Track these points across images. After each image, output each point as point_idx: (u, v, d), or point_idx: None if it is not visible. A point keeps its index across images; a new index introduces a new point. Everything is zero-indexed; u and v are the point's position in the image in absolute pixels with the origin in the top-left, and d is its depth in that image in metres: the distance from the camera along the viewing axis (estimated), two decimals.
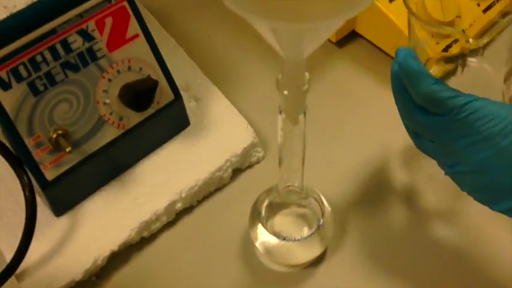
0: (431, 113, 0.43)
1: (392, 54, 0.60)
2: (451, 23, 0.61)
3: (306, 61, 0.39)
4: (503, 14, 0.54)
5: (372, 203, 0.58)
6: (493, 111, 0.41)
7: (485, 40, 0.49)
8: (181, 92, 0.57)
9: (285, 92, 0.41)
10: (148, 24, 0.53)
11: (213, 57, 0.68)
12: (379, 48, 0.67)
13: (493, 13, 0.64)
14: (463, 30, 0.62)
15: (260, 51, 0.67)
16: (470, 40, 0.49)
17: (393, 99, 0.46)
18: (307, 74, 0.40)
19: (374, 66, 0.67)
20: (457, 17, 0.61)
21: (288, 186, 0.51)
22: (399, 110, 0.46)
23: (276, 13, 0.31)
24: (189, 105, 0.59)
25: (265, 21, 0.33)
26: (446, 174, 0.45)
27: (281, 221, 0.53)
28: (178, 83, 0.56)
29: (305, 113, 0.43)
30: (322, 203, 0.53)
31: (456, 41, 0.53)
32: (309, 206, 0.53)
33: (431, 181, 0.58)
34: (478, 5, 0.63)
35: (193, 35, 0.70)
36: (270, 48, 0.38)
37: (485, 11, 0.63)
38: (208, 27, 0.72)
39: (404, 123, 0.47)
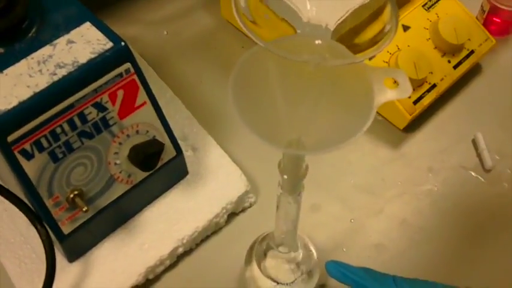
0: None
1: None
2: (423, 80, 0.67)
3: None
4: None
5: (352, 246, 0.64)
6: None
7: None
8: (179, 142, 0.61)
9: (285, 176, 0.47)
10: (146, 75, 0.56)
11: (206, 104, 0.73)
12: None
13: (462, 69, 0.70)
14: (435, 84, 0.69)
15: None
16: None
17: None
18: (306, 163, 0.46)
19: None
20: (429, 73, 0.68)
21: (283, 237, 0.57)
22: None
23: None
24: (187, 154, 0.65)
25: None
26: None
27: (273, 264, 0.59)
28: (176, 133, 0.61)
29: (300, 192, 0.48)
30: (310, 249, 0.60)
31: None
32: (298, 251, 0.59)
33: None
34: (449, 61, 0.70)
35: (186, 82, 0.75)
36: None
37: (455, 67, 0.70)
38: (201, 72, 0.76)
39: None
